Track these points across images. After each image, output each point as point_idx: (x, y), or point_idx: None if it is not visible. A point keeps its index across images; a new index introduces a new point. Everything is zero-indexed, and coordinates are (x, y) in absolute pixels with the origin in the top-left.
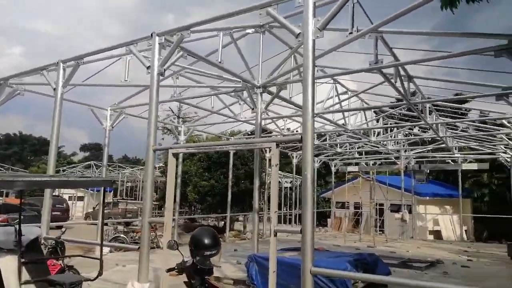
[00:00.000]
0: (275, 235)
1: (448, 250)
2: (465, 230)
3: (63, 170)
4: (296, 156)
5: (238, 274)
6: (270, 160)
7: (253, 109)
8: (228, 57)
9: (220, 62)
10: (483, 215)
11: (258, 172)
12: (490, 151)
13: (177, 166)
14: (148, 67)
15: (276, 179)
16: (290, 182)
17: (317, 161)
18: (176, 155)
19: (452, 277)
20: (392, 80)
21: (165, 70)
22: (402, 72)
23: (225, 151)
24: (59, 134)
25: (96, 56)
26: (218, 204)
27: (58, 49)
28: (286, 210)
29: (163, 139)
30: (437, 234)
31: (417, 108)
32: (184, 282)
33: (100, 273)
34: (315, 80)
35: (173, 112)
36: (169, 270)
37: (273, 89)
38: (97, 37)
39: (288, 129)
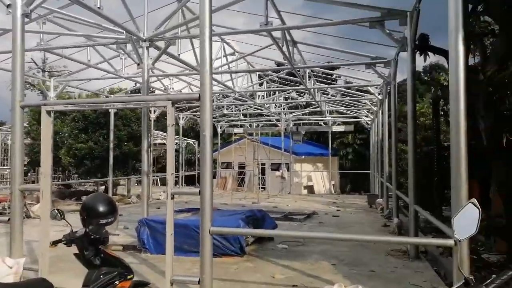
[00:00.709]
0: (172, 197)
1: (321, 203)
2: (333, 184)
3: None
4: (182, 118)
5: (126, 239)
6: (157, 120)
7: (138, 64)
8: (109, 2)
9: (99, 7)
10: (347, 171)
11: (146, 133)
12: (355, 114)
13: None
14: (8, 6)
15: (173, 140)
16: (176, 144)
17: None
18: (50, 113)
19: (326, 226)
20: (280, 44)
21: (31, 11)
22: (287, 37)
23: (106, 110)
24: None
25: None
26: (97, 168)
27: None
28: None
29: (25, 95)
30: (310, 189)
31: (299, 73)
32: (75, 254)
33: None
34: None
35: (36, 64)
36: (54, 242)
37: (161, 44)
38: None
39: (172, 89)
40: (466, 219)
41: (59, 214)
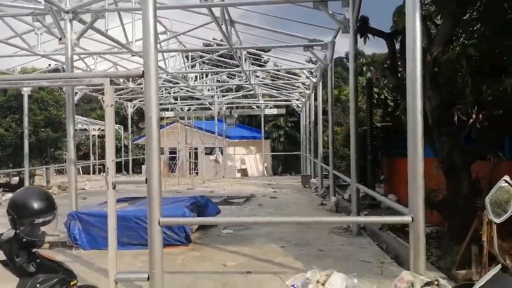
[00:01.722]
0: (114, 187)
1: (256, 185)
2: (265, 167)
3: None
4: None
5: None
6: (77, 105)
7: (60, 39)
8: None
9: None
10: (279, 153)
11: (72, 117)
12: (286, 98)
13: None
14: None
15: (112, 123)
16: (99, 130)
17: (130, 106)
18: None
19: (266, 208)
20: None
21: None
22: (226, 16)
23: (18, 91)
24: None
25: None
26: (9, 157)
27: None
28: (96, 159)
29: None
30: (244, 172)
31: (236, 54)
32: (1, 261)
33: None
34: (133, 12)
35: None
36: None
37: (86, 17)
38: None
39: (97, 69)
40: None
41: None
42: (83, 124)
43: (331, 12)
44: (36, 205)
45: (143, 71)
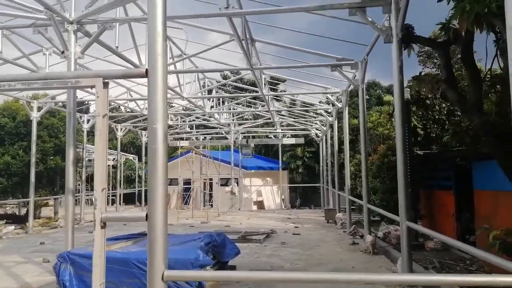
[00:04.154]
0: (104, 225)
1: (275, 219)
2: (283, 199)
3: None
4: (121, 129)
5: (44, 278)
6: (88, 131)
7: (63, 52)
8: None
9: None
10: (297, 185)
11: (72, 137)
12: (304, 127)
13: None
14: None
15: (104, 139)
16: (113, 160)
17: (145, 135)
18: None
19: (290, 247)
20: (243, 41)
21: None
22: (247, 34)
23: (27, 118)
24: None
25: None
26: (16, 186)
27: None
28: (109, 190)
29: None
30: (260, 204)
31: (257, 77)
32: None
33: None
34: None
35: None
36: None
37: (92, 28)
38: None
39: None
40: None
41: None
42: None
43: (370, 19)
44: None
45: (146, 69)
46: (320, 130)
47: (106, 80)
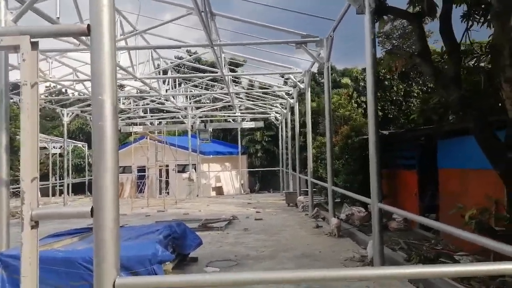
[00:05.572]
0: (35, 225)
1: (235, 204)
2: (242, 184)
3: None
4: (67, 114)
5: None
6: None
7: None
8: None
9: None
10: (257, 169)
11: (6, 120)
12: (263, 110)
13: None
14: None
15: (35, 115)
16: (60, 148)
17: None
18: None
19: (254, 233)
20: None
21: None
22: (204, 7)
23: None
24: None
25: None
26: None
27: None
28: (56, 180)
29: None
30: (219, 190)
31: (217, 56)
32: None
33: None
34: None
35: None
36: None
37: None
38: None
39: (53, 75)
40: None
41: None
42: (42, 142)
43: None
44: None
45: (88, 24)
46: (280, 113)
47: (34, 39)
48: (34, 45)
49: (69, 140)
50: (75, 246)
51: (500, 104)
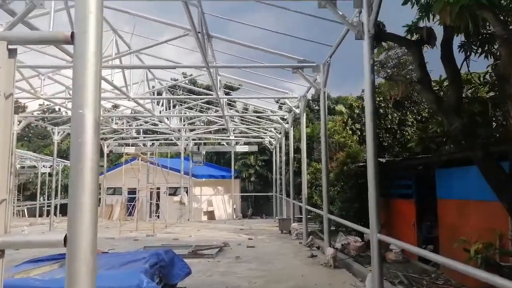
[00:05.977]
0: (1, 254)
1: (226, 230)
2: (234, 209)
3: None
4: (58, 133)
5: None
6: (23, 136)
7: None
8: None
9: None
10: (250, 194)
11: None
12: (257, 134)
13: None
14: None
15: (8, 125)
16: (50, 167)
17: None
18: None
19: (245, 262)
20: (199, 34)
21: None
22: (203, 28)
23: None
24: None
25: None
26: None
27: None
28: (44, 200)
29: None
30: (211, 215)
31: (213, 79)
32: None
33: None
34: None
35: None
36: None
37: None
38: None
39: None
40: None
41: None
42: (32, 161)
43: (341, 13)
44: None
45: (72, 32)
46: (274, 138)
47: (12, 47)
48: (12, 53)
49: (59, 159)
50: (54, 274)
51: (505, 133)
